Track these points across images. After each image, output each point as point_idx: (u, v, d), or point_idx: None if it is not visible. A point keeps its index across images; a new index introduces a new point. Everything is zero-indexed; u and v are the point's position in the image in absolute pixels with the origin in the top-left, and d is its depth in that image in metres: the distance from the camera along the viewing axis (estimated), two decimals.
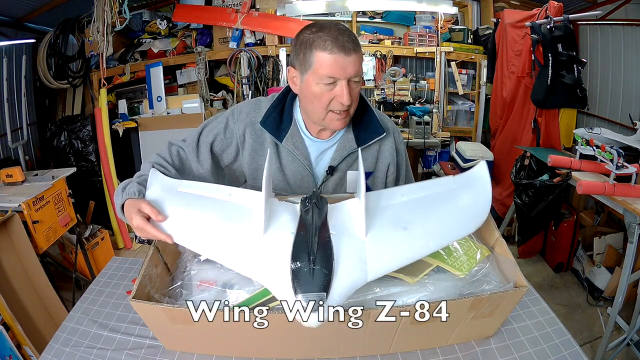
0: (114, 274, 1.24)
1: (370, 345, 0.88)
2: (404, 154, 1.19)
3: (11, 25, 3.22)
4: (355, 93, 0.97)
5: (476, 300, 0.80)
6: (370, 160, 1.11)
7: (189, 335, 0.86)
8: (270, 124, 1.06)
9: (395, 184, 1.17)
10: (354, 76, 0.94)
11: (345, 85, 0.93)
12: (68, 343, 0.97)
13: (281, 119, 1.07)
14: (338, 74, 0.92)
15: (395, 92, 3.48)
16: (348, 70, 0.92)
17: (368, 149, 1.10)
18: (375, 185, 1.13)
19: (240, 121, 1.09)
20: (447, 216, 0.87)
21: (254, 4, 3.44)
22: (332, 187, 1.11)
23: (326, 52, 0.91)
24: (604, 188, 1.84)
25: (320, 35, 0.92)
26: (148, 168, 1.00)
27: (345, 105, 0.95)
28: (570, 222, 2.68)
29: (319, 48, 0.92)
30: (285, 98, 1.10)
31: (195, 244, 0.85)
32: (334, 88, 0.94)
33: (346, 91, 0.93)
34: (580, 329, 2.27)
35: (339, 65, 0.91)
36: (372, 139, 1.08)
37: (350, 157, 1.09)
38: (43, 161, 3.47)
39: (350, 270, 0.75)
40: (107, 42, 2.99)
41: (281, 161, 1.09)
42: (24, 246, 1.96)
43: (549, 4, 2.56)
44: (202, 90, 3.49)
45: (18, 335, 1.71)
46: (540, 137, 2.76)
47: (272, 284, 0.75)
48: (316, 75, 0.94)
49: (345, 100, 0.94)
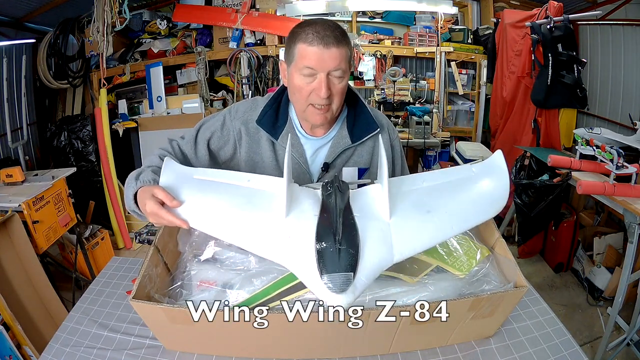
0: (114, 274, 1.24)
1: (370, 345, 0.88)
2: (399, 150, 1.19)
3: (11, 25, 3.22)
4: (336, 88, 0.96)
5: (476, 300, 0.80)
6: (365, 157, 1.12)
7: (189, 335, 0.86)
8: (266, 122, 1.07)
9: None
10: (334, 70, 0.94)
11: (324, 78, 0.93)
12: (68, 343, 0.97)
13: (277, 117, 1.08)
14: (316, 66, 0.93)
15: (395, 92, 3.48)
16: (327, 63, 0.92)
17: (363, 146, 1.11)
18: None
19: (237, 119, 1.10)
20: (469, 200, 0.88)
21: (254, 4, 3.44)
22: None
23: (306, 44, 0.92)
24: (604, 188, 1.84)
25: (305, 29, 0.93)
26: (156, 159, 0.99)
27: (322, 98, 0.95)
28: (570, 222, 2.68)
29: (300, 40, 0.93)
30: (281, 97, 1.11)
31: (214, 228, 0.82)
32: (314, 81, 0.95)
33: (324, 85, 0.93)
34: (580, 329, 2.27)
35: (317, 57, 0.92)
36: (366, 135, 1.09)
37: (345, 154, 1.10)
38: (43, 161, 3.47)
39: (376, 250, 0.74)
40: (107, 42, 2.99)
41: (277, 159, 1.09)
42: (24, 246, 1.96)
43: (549, 4, 2.56)
44: (202, 90, 3.49)
45: (18, 335, 1.71)
46: (540, 137, 2.76)
47: (297, 266, 0.73)
48: (297, 67, 0.95)
49: (323, 93, 0.94)
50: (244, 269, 0.91)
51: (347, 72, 0.97)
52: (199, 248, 0.97)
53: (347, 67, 0.96)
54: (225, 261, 0.93)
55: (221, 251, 0.95)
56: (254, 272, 0.89)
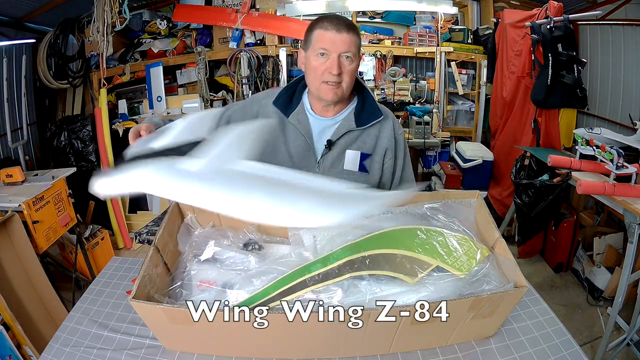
0: (114, 274, 1.25)
1: (370, 345, 0.88)
2: (403, 146, 1.25)
3: (11, 25, 3.22)
4: (347, 69, 1.10)
5: (476, 300, 0.80)
6: (369, 142, 1.20)
7: (189, 335, 0.86)
8: (281, 103, 1.21)
9: (392, 173, 1.24)
10: (345, 52, 1.07)
11: (336, 58, 1.07)
12: (68, 343, 0.97)
13: (291, 100, 1.22)
14: (330, 48, 1.07)
15: (395, 92, 3.48)
16: (338, 46, 1.07)
17: (368, 132, 1.20)
18: (372, 167, 1.21)
19: (255, 103, 1.25)
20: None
21: (254, 4, 3.44)
22: (330, 162, 1.19)
23: (322, 30, 1.08)
24: (604, 188, 1.84)
25: (322, 19, 1.10)
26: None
27: (334, 74, 1.08)
28: (570, 222, 2.68)
29: (318, 27, 1.10)
30: (297, 85, 1.25)
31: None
32: (327, 60, 1.08)
33: (336, 63, 1.07)
34: (580, 329, 2.27)
35: (330, 39, 1.07)
36: (370, 121, 1.19)
37: (349, 136, 1.19)
38: (43, 161, 3.47)
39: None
40: (107, 42, 2.99)
41: (286, 136, 1.20)
42: (24, 246, 1.96)
43: (549, 4, 2.56)
44: (202, 90, 3.49)
45: (18, 335, 1.71)
46: (540, 137, 2.76)
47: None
48: (314, 50, 1.10)
49: (334, 70, 1.07)
50: (243, 269, 0.92)
51: (356, 56, 1.10)
52: (198, 248, 0.97)
53: (356, 52, 1.10)
54: (225, 261, 0.93)
55: (221, 251, 0.95)
56: (253, 272, 0.90)
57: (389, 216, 1.01)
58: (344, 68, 1.09)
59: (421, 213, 1.01)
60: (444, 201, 1.03)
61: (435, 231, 0.93)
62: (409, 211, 1.02)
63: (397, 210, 1.02)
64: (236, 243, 1.00)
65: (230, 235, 1.02)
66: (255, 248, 1.00)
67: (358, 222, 0.98)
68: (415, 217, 1.01)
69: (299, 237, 0.99)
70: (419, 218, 1.01)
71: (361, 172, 1.19)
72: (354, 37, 1.08)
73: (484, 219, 1.01)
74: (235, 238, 1.01)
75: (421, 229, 0.93)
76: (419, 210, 1.02)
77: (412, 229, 0.94)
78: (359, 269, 0.86)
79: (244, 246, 1.00)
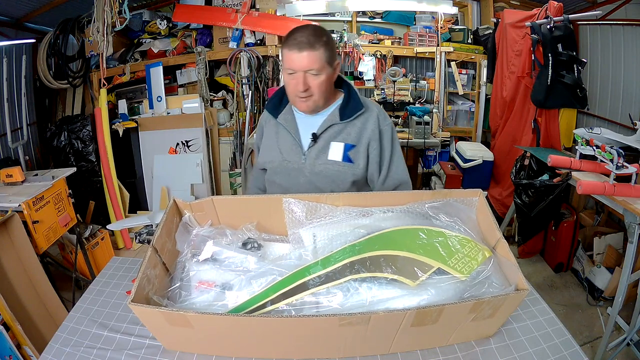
0: (114, 274, 1.24)
1: (370, 345, 0.88)
2: (390, 136, 1.29)
3: (11, 25, 3.22)
4: (314, 83, 1.16)
5: (477, 303, 0.79)
6: (353, 134, 1.26)
7: (188, 336, 0.86)
8: (271, 107, 1.33)
9: (378, 162, 1.27)
10: (308, 69, 1.13)
11: (302, 75, 1.14)
12: (68, 343, 0.97)
13: (280, 102, 1.32)
14: (294, 67, 1.13)
15: (395, 92, 3.48)
16: (301, 64, 1.12)
17: (352, 125, 1.26)
18: (356, 157, 1.26)
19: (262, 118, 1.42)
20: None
21: (254, 4, 3.43)
22: (316, 153, 1.26)
23: (287, 49, 1.14)
24: (604, 188, 1.84)
25: (289, 36, 1.15)
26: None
27: (300, 91, 1.15)
28: (570, 222, 2.68)
29: (285, 46, 1.15)
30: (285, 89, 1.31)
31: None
32: (294, 78, 1.15)
33: (301, 81, 1.14)
34: (580, 329, 2.27)
35: (292, 59, 1.13)
36: (352, 114, 1.25)
37: (333, 129, 1.25)
38: (43, 161, 3.47)
39: None
40: (107, 42, 2.99)
41: (278, 135, 1.31)
42: (24, 246, 1.96)
43: (549, 4, 2.56)
44: (202, 90, 3.49)
45: (18, 335, 1.71)
46: (540, 137, 2.75)
47: None
48: (284, 68, 1.18)
49: (300, 87, 1.14)
50: (243, 269, 0.91)
51: (323, 69, 1.14)
52: (197, 247, 0.97)
53: (321, 66, 1.14)
54: (224, 261, 0.93)
55: (220, 251, 0.95)
56: (253, 274, 0.89)
57: (390, 215, 1.00)
58: (310, 83, 1.15)
59: (422, 212, 1.01)
60: (445, 200, 1.02)
61: (437, 232, 0.93)
62: (410, 210, 1.01)
63: (398, 209, 1.02)
64: (235, 242, 1.00)
65: (228, 234, 1.01)
66: (254, 247, 0.99)
67: (358, 221, 0.98)
68: (416, 217, 1.00)
69: (298, 236, 0.99)
70: (421, 217, 1.00)
71: (345, 162, 1.25)
72: (316, 52, 1.11)
73: (486, 218, 1.00)
74: (234, 237, 1.01)
75: (423, 230, 0.93)
76: (420, 209, 1.01)
77: (414, 230, 0.93)
78: (360, 271, 0.86)
79: (242, 245, 1.00)
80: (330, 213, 1.01)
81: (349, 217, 1.00)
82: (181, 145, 3.45)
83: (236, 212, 1.07)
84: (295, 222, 1.00)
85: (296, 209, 1.01)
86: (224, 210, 1.06)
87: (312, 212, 1.01)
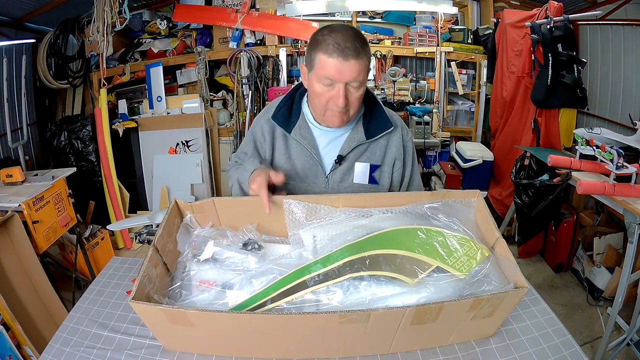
0: (114, 274, 1.24)
1: (370, 345, 0.88)
2: (412, 152, 1.21)
3: (11, 25, 3.22)
4: (353, 97, 1.00)
5: (476, 301, 0.80)
6: (378, 153, 1.15)
7: (188, 335, 0.86)
8: (280, 118, 1.13)
9: (400, 181, 1.20)
10: (352, 81, 0.97)
11: (342, 88, 0.97)
12: (68, 343, 0.97)
13: (290, 113, 1.14)
14: (335, 77, 0.96)
15: (395, 92, 3.48)
16: (345, 75, 0.95)
17: (377, 143, 1.15)
18: (381, 178, 1.17)
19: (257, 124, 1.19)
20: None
21: (254, 4, 3.44)
22: (340, 176, 1.14)
23: (326, 55, 0.94)
24: (604, 188, 1.84)
25: (326, 38, 0.95)
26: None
27: (340, 107, 0.99)
28: (570, 222, 2.68)
29: (321, 50, 0.95)
30: (295, 94, 1.17)
31: None
32: (332, 90, 0.99)
33: (342, 94, 0.97)
34: (580, 329, 2.27)
35: (336, 69, 0.94)
36: (380, 132, 1.13)
37: (358, 149, 1.13)
38: (43, 161, 3.47)
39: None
40: (107, 42, 2.99)
41: (290, 152, 1.14)
42: (24, 246, 1.96)
43: (549, 4, 2.56)
44: (202, 90, 3.49)
45: (18, 335, 1.71)
46: (540, 137, 2.76)
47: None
48: (317, 75, 0.99)
49: (340, 102, 0.98)
50: (243, 269, 0.91)
51: (364, 81, 1.00)
52: (198, 248, 0.97)
53: (365, 77, 0.99)
54: (224, 261, 0.93)
55: (220, 251, 0.95)
56: (253, 273, 0.90)
57: (389, 216, 1.00)
58: (350, 96, 0.99)
59: (421, 212, 1.01)
60: (444, 201, 1.02)
61: (436, 231, 0.93)
62: (409, 211, 1.02)
63: (397, 210, 1.02)
64: (235, 243, 1.00)
65: (229, 234, 1.01)
66: (254, 247, 1.00)
67: (358, 222, 0.99)
68: (415, 217, 1.01)
69: (298, 237, 0.99)
70: (420, 218, 1.00)
71: (371, 184, 1.15)
72: (363, 60, 0.96)
73: (485, 218, 1.01)
74: (235, 238, 1.01)
75: (421, 229, 0.93)
76: (419, 209, 1.01)
77: (413, 229, 0.94)
78: (359, 270, 0.86)
79: (243, 246, 1.00)
80: (330, 214, 1.01)
81: (348, 217, 1.01)
82: (181, 145, 3.45)
83: (237, 214, 1.07)
84: (296, 223, 1.00)
85: (296, 210, 1.01)
86: (225, 211, 1.06)
87: (312, 213, 1.01)
